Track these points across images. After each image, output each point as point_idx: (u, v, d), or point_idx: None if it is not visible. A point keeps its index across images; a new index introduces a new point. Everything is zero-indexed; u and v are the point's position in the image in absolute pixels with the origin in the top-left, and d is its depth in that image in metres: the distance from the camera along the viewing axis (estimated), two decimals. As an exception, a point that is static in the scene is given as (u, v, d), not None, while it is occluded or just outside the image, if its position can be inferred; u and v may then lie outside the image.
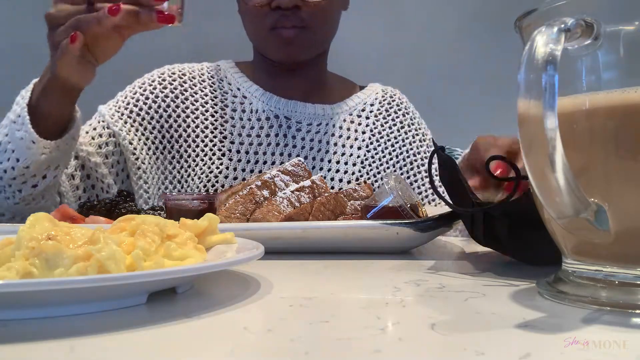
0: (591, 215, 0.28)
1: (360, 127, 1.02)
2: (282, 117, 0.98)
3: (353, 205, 0.61)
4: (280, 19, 0.88)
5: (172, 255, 0.37)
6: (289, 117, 0.98)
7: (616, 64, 0.30)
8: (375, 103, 1.05)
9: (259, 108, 0.98)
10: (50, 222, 0.36)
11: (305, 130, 0.98)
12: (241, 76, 1.02)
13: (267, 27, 0.89)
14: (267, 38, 0.91)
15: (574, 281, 0.32)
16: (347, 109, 1.03)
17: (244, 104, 0.98)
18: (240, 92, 1.00)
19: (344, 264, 0.49)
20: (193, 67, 1.04)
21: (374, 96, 1.06)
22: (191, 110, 0.98)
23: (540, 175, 0.27)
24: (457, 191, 0.50)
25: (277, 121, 0.97)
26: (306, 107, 0.99)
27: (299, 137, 0.97)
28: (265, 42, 0.92)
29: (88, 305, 0.31)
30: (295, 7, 0.87)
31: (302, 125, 0.98)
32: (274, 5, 0.87)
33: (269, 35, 0.90)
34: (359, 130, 1.01)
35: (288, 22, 0.88)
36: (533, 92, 0.27)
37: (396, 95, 1.09)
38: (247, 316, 0.31)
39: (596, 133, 0.30)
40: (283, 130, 0.97)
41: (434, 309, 0.32)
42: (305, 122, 0.98)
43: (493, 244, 0.49)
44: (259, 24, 0.90)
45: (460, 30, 1.82)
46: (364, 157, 0.99)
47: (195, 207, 0.63)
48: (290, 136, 0.97)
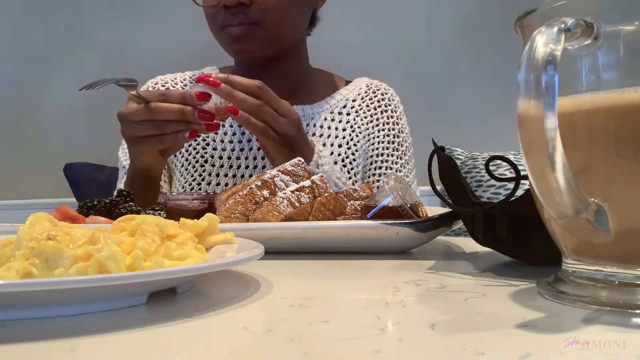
0: (591, 215, 0.28)
1: (341, 124, 1.01)
2: None
3: (353, 205, 0.61)
4: (228, 18, 0.90)
5: (172, 255, 0.37)
6: None
7: (616, 64, 0.29)
8: (357, 99, 1.04)
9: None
10: (50, 222, 0.36)
11: None
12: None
13: (218, 26, 0.92)
14: (220, 37, 0.94)
15: (574, 281, 0.32)
16: (328, 108, 1.02)
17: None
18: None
19: (344, 264, 0.49)
20: (176, 79, 1.06)
21: (357, 91, 1.06)
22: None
23: (540, 175, 0.27)
24: (457, 191, 0.50)
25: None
26: None
27: None
28: (222, 42, 0.95)
29: (88, 305, 0.31)
30: (241, 4, 0.89)
31: None
32: (220, 4, 0.89)
33: (220, 34, 0.93)
34: (339, 128, 1.01)
35: (235, 20, 0.90)
36: (533, 92, 0.27)
37: (379, 90, 1.07)
38: (247, 316, 0.31)
39: (596, 133, 0.30)
40: None
41: (434, 309, 0.32)
42: None
43: (493, 244, 0.49)
44: (212, 23, 0.93)
45: (460, 31, 1.82)
46: (345, 155, 0.99)
47: (195, 207, 0.63)
48: None
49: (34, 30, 1.83)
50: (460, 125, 1.79)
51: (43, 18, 1.82)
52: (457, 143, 1.63)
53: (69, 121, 1.82)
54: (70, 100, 1.78)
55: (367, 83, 1.08)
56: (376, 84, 1.08)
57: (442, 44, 1.82)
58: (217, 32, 0.93)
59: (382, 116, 1.04)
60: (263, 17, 0.90)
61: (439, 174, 0.53)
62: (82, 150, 1.69)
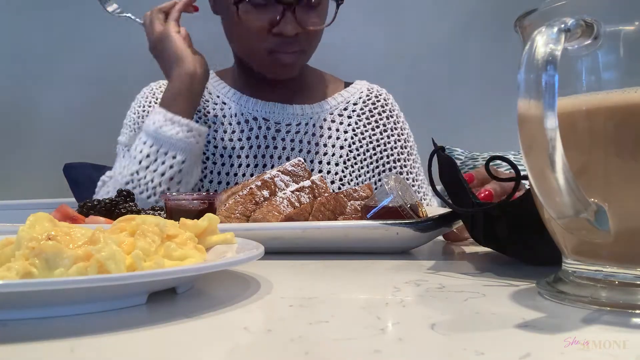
0: (591, 215, 0.28)
1: (342, 126, 1.01)
2: (261, 119, 0.99)
3: (353, 205, 0.61)
4: (281, 45, 0.90)
5: (172, 256, 0.37)
6: (267, 118, 0.99)
7: (616, 64, 0.30)
8: (359, 102, 1.04)
9: (237, 111, 1.00)
10: (50, 222, 0.36)
11: (284, 130, 0.98)
12: (220, 83, 1.04)
13: (266, 50, 0.90)
14: (264, 59, 0.92)
15: (574, 281, 0.32)
16: (328, 108, 1.02)
17: (223, 110, 1.00)
18: (219, 98, 1.02)
19: (344, 264, 0.49)
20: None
21: (357, 95, 1.05)
22: None
23: (540, 175, 0.27)
24: (457, 191, 0.50)
25: (256, 123, 0.99)
26: (285, 108, 1.00)
27: (279, 138, 0.98)
28: (262, 62, 0.94)
29: (88, 305, 0.31)
30: (296, 34, 0.89)
31: (282, 126, 0.99)
32: (275, 32, 0.88)
33: (267, 57, 0.91)
34: (341, 130, 1.01)
35: (289, 48, 0.90)
36: (533, 92, 0.27)
37: (382, 96, 1.07)
38: (247, 316, 0.31)
39: (596, 133, 0.30)
40: (263, 132, 0.98)
41: (434, 309, 0.32)
42: (284, 123, 0.99)
43: (493, 244, 0.49)
44: (257, 46, 0.91)
45: (460, 30, 1.82)
46: (347, 157, 0.99)
47: (195, 207, 0.63)
48: (270, 137, 0.98)
49: (34, 30, 1.83)
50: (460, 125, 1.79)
51: (43, 18, 1.82)
52: (457, 143, 1.63)
53: (68, 121, 1.82)
54: (70, 100, 1.78)
55: (368, 87, 1.08)
56: (377, 89, 1.08)
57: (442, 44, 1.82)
58: (265, 55, 0.91)
59: (389, 122, 1.05)
60: (310, 45, 0.92)
61: (439, 174, 0.53)
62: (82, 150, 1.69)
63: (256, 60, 0.94)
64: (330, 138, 1.00)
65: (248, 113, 0.99)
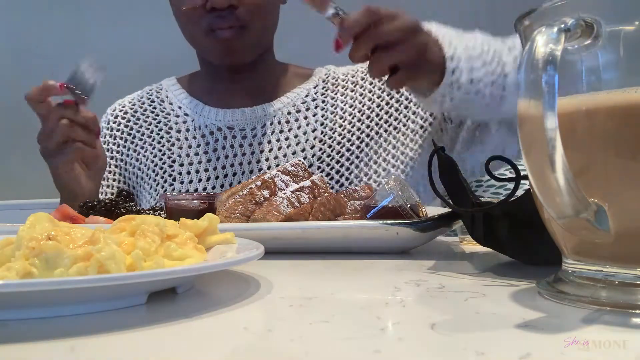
0: (591, 215, 0.28)
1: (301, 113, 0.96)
2: (225, 129, 0.95)
3: (353, 206, 0.61)
4: (215, 20, 0.85)
5: (172, 255, 0.37)
6: (232, 126, 0.95)
7: (616, 64, 0.29)
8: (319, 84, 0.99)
9: (201, 124, 0.96)
10: (50, 222, 0.36)
11: (250, 135, 0.95)
12: (181, 92, 1.01)
13: (203, 30, 0.86)
14: (205, 42, 0.88)
15: (574, 281, 0.32)
16: (288, 102, 0.97)
17: (187, 123, 0.97)
18: (181, 110, 0.99)
19: (344, 264, 0.49)
20: (133, 101, 1.04)
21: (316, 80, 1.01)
22: (139, 145, 0.99)
23: (540, 175, 0.27)
24: (457, 191, 0.50)
25: (221, 133, 0.95)
26: (245, 113, 0.96)
27: (246, 144, 0.94)
28: (204, 46, 0.90)
29: (88, 305, 0.31)
30: (231, 6, 0.84)
31: (247, 132, 0.95)
32: (208, 7, 0.84)
33: (206, 38, 0.87)
34: (300, 117, 0.96)
35: (224, 23, 0.85)
36: (533, 92, 0.27)
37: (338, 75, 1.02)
38: (247, 316, 0.31)
39: (596, 133, 0.30)
40: (229, 141, 0.94)
41: (434, 309, 0.32)
42: (249, 128, 0.95)
43: (493, 244, 0.49)
44: (195, 27, 0.88)
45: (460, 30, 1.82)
46: (314, 139, 0.94)
47: (195, 207, 0.63)
48: (237, 145, 0.94)
49: (34, 30, 1.83)
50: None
51: (43, 18, 1.82)
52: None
53: (69, 121, 1.81)
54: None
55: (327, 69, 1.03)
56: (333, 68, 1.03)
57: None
58: (203, 36, 0.87)
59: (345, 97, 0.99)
60: (251, 20, 0.86)
61: (439, 174, 0.53)
62: (82, 150, 1.69)
63: (199, 44, 0.91)
64: (300, 128, 0.95)
65: (212, 124, 0.95)
